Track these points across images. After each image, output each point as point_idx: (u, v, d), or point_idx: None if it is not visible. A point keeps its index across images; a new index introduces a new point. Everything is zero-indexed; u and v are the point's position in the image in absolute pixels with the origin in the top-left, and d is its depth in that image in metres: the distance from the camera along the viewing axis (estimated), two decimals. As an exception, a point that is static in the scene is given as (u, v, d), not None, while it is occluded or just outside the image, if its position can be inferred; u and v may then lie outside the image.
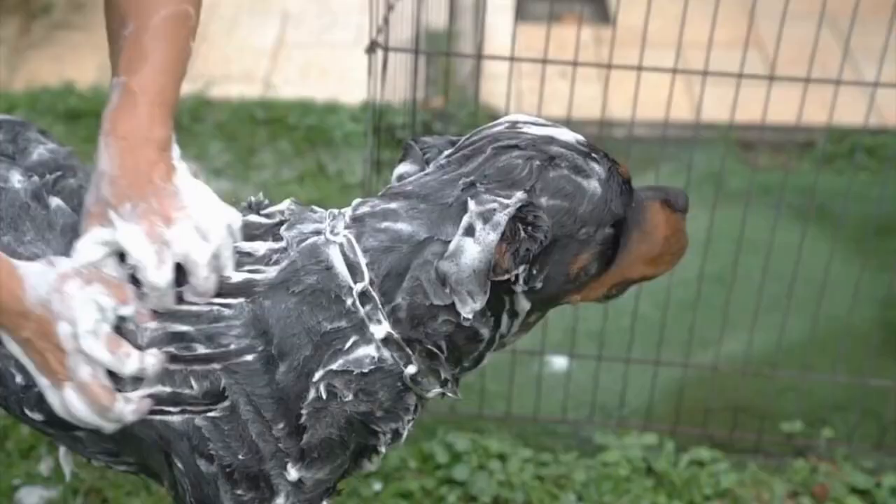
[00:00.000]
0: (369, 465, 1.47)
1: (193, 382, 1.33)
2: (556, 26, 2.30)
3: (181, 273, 1.33)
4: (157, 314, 1.34)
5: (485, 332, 1.34)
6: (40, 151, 1.51)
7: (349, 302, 1.31)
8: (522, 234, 1.28)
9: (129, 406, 1.33)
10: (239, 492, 1.37)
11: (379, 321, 1.31)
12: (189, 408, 1.34)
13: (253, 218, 1.41)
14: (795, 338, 2.73)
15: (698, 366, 2.59)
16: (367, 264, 1.32)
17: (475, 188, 1.31)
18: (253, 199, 1.44)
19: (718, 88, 2.69)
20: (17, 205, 1.42)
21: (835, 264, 2.60)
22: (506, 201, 1.28)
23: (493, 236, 1.26)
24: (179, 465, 1.38)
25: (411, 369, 1.33)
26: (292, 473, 1.37)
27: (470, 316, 1.29)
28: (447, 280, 1.27)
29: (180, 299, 1.34)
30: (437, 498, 2.30)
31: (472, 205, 1.29)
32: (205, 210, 1.35)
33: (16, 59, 4.08)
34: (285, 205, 1.41)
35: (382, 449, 1.43)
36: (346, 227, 1.35)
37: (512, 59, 2.26)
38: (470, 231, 1.27)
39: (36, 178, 1.45)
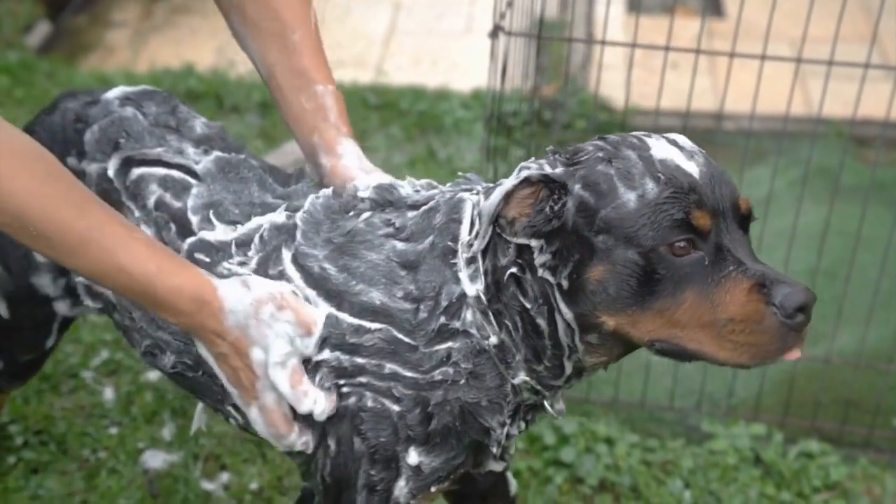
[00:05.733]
0: (494, 465, 1.52)
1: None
2: (669, 17, 2.30)
3: None
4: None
5: (542, 324, 1.36)
6: (200, 125, 1.64)
7: (460, 262, 1.38)
8: (547, 209, 1.31)
9: (302, 438, 1.46)
10: (373, 472, 1.44)
11: (476, 280, 1.37)
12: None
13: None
14: (910, 334, 2.70)
15: (810, 358, 2.57)
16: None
17: (549, 155, 1.36)
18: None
19: (830, 83, 2.65)
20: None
21: (953, 261, 2.56)
22: (547, 166, 1.33)
23: (509, 183, 1.32)
24: (332, 445, 1.46)
25: (493, 339, 1.38)
26: (413, 457, 1.43)
27: (467, 255, 1.36)
28: (480, 217, 1.35)
29: None
30: (544, 478, 2.32)
31: (525, 161, 1.36)
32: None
33: (138, 41, 4.22)
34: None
35: (494, 448, 1.47)
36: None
37: (634, 45, 2.27)
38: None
39: (216, 153, 1.59)
